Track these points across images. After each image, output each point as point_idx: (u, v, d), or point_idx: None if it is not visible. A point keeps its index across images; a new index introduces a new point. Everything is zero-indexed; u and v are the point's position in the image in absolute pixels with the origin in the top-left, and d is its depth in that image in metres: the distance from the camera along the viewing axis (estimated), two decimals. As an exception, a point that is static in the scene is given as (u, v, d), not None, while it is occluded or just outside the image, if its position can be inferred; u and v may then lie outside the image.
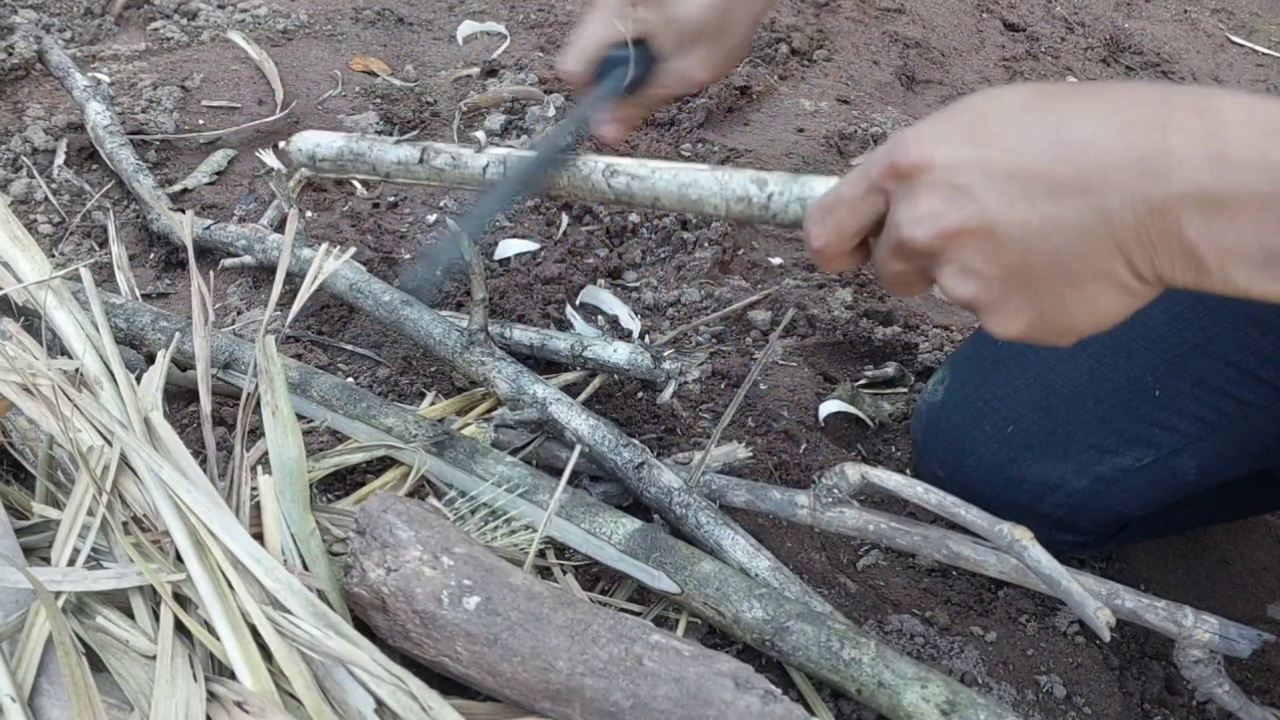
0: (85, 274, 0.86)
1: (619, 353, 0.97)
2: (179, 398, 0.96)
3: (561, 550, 0.82)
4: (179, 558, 0.67)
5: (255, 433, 0.89)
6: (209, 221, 1.14)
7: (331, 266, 0.94)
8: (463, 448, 0.84)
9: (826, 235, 0.52)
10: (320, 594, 0.68)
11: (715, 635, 0.79)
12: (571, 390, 0.99)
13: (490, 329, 0.99)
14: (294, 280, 1.10)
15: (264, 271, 1.12)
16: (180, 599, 0.66)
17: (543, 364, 1.04)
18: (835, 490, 0.78)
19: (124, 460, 0.73)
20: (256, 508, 0.74)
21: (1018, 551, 0.69)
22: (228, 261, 1.13)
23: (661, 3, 0.72)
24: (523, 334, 1.02)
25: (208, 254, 1.15)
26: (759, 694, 0.62)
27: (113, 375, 0.80)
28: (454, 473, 0.83)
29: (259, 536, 0.71)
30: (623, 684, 0.62)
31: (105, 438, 0.75)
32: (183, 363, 0.94)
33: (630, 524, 0.79)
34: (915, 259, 0.48)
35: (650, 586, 0.76)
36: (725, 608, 0.74)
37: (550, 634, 0.64)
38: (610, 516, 0.79)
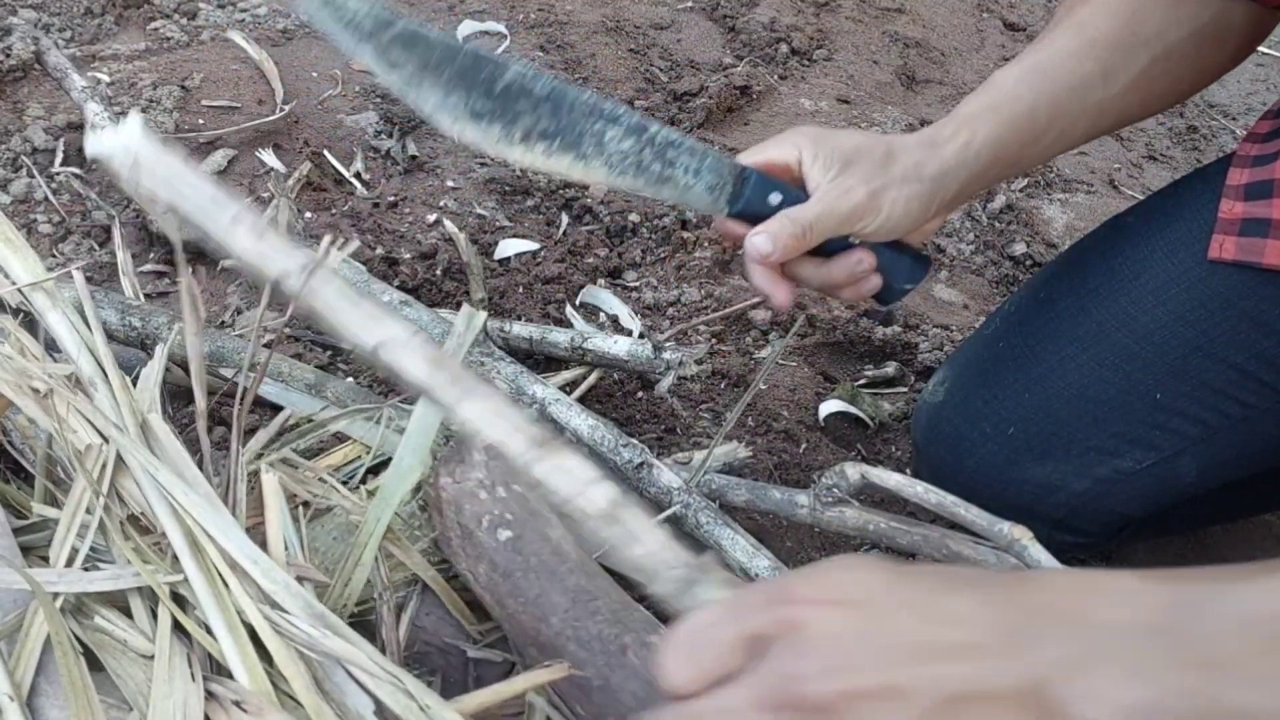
0: (77, 275, 0.86)
1: (619, 344, 0.98)
2: (179, 396, 0.96)
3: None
4: (176, 557, 0.67)
5: (253, 432, 0.89)
6: None
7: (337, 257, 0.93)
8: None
9: (687, 675, 0.44)
10: (323, 590, 0.68)
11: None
12: (572, 386, 0.98)
13: (489, 325, 0.99)
14: (293, 280, 1.10)
15: (263, 271, 1.12)
16: (178, 599, 0.66)
17: (542, 360, 1.04)
18: (835, 490, 0.78)
19: (121, 461, 0.73)
20: (256, 504, 0.74)
21: (1017, 551, 0.69)
22: (227, 262, 1.13)
23: (816, 141, 0.70)
24: (522, 329, 1.02)
25: (206, 254, 1.15)
26: None
27: (107, 377, 0.79)
28: None
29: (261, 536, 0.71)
30: (599, 663, 0.64)
31: (104, 437, 0.74)
32: (183, 361, 0.94)
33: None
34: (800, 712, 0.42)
35: None
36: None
37: (556, 591, 0.67)
38: None
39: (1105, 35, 0.73)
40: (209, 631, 0.63)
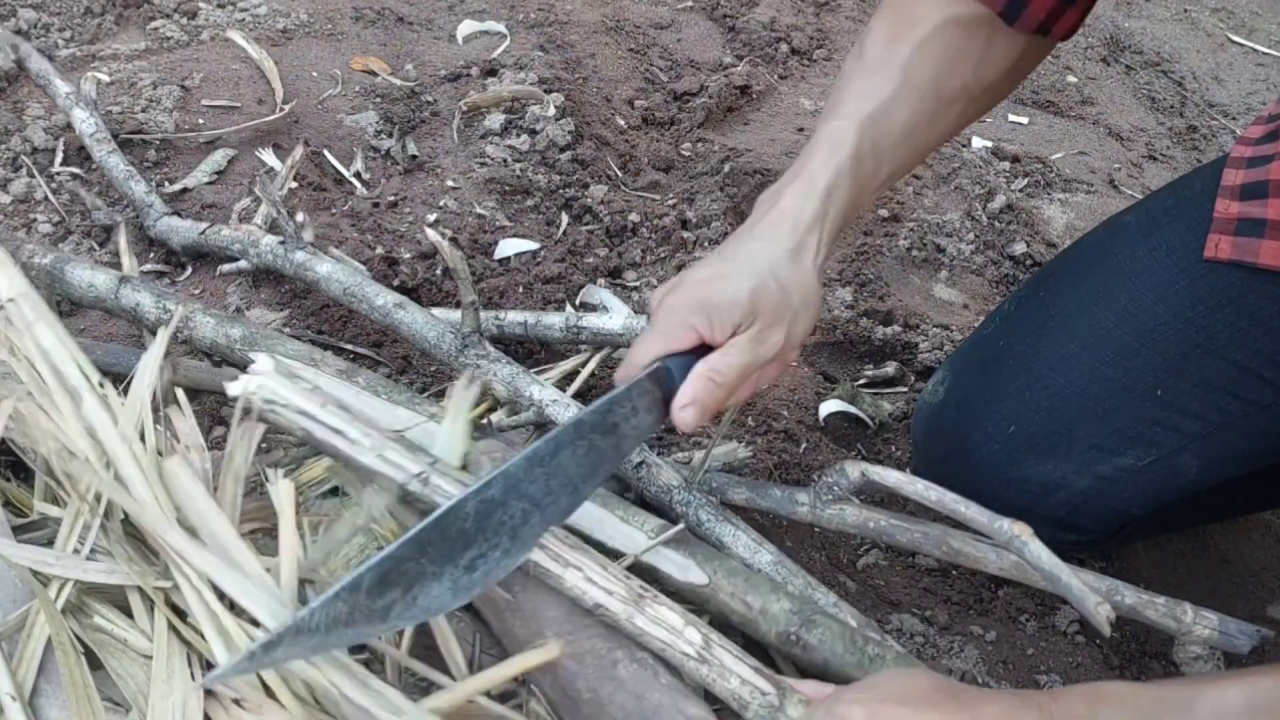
0: (35, 294, 0.85)
1: (614, 320, 0.97)
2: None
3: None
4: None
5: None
6: (204, 225, 1.13)
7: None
8: (500, 439, 0.85)
9: None
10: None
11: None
12: (571, 379, 0.99)
13: (483, 315, 0.99)
14: (292, 282, 1.09)
15: (262, 273, 1.12)
16: (177, 597, 0.66)
17: (540, 352, 1.05)
18: (835, 487, 0.78)
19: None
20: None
21: (1017, 547, 0.69)
22: (225, 267, 1.12)
23: (708, 312, 0.68)
24: (516, 315, 1.02)
25: (206, 256, 1.15)
26: None
27: (100, 386, 0.79)
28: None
29: (270, 531, 0.71)
30: (590, 676, 0.65)
31: (97, 439, 0.74)
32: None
33: (659, 519, 0.79)
34: None
35: (679, 579, 0.75)
36: (753, 599, 0.73)
37: (552, 607, 0.68)
38: (640, 511, 0.80)
39: (929, 81, 0.75)
40: (200, 634, 0.63)
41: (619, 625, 0.66)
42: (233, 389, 0.70)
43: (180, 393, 0.80)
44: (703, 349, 0.69)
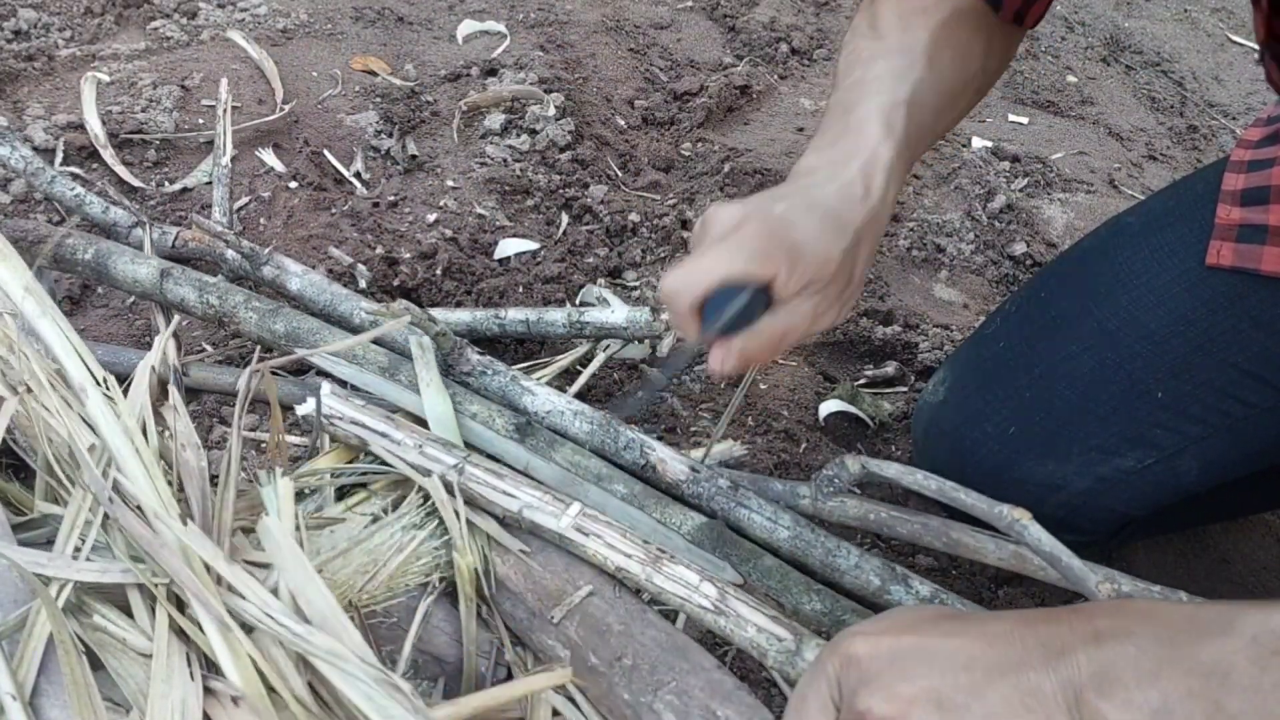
0: (41, 290, 0.85)
1: (616, 313, 0.97)
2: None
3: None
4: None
5: (256, 429, 0.88)
6: (171, 236, 1.08)
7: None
8: (543, 437, 0.86)
9: None
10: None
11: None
12: (569, 378, 0.98)
13: (483, 315, 0.99)
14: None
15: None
16: (178, 598, 0.66)
17: (539, 350, 1.05)
18: (836, 480, 0.79)
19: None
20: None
21: (1017, 531, 0.69)
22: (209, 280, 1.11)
23: (794, 256, 0.62)
24: (517, 313, 1.01)
25: (189, 261, 1.14)
26: (734, 681, 0.67)
27: (104, 383, 0.79)
28: (532, 458, 0.84)
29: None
30: (621, 614, 0.71)
31: (96, 431, 0.74)
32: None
33: (697, 517, 0.81)
34: None
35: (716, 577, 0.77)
36: (786, 599, 0.77)
37: (586, 567, 0.75)
38: (679, 509, 0.81)
39: (947, 69, 0.75)
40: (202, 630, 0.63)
41: (640, 585, 0.72)
42: (300, 410, 0.84)
43: (174, 391, 0.80)
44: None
